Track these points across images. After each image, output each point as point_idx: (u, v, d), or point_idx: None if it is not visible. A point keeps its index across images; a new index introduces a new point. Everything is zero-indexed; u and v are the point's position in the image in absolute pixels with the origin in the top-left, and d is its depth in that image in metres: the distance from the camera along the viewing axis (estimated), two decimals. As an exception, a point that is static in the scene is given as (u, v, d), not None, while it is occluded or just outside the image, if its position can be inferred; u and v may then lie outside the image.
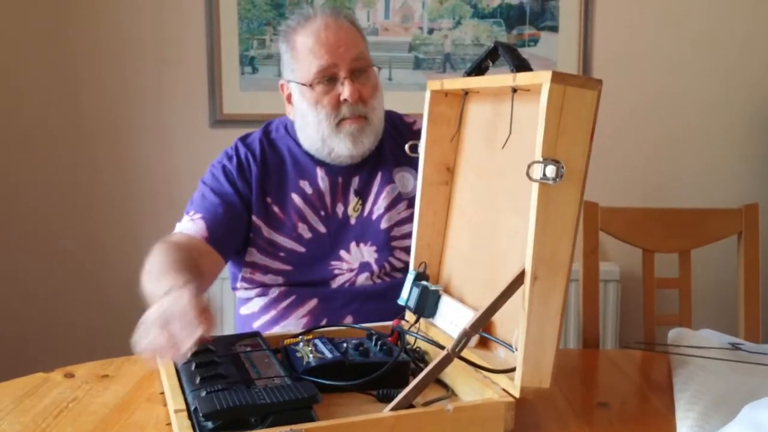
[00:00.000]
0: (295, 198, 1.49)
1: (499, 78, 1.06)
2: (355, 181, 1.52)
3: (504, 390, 0.98)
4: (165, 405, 1.04)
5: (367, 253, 1.50)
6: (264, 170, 1.50)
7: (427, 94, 1.26)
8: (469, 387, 1.03)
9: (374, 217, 1.51)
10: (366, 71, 1.46)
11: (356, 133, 1.45)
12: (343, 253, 1.50)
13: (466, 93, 1.22)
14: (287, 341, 1.17)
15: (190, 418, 0.91)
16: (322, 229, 1.50)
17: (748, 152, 2.48)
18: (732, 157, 2.48)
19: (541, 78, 0.91)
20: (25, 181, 2.48)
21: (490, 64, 1.16)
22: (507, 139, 1.05)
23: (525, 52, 2.42)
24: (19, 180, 2.48)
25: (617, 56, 2.43)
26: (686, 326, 1.56)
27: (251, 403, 0.89)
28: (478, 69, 1.17)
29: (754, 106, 2.46)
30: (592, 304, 1.56)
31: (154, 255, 1.33)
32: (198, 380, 0.99)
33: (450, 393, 1.07)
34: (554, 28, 2.42)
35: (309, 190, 1.50)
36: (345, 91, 1.42)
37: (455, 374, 1.07)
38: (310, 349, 1.11)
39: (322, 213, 1.50)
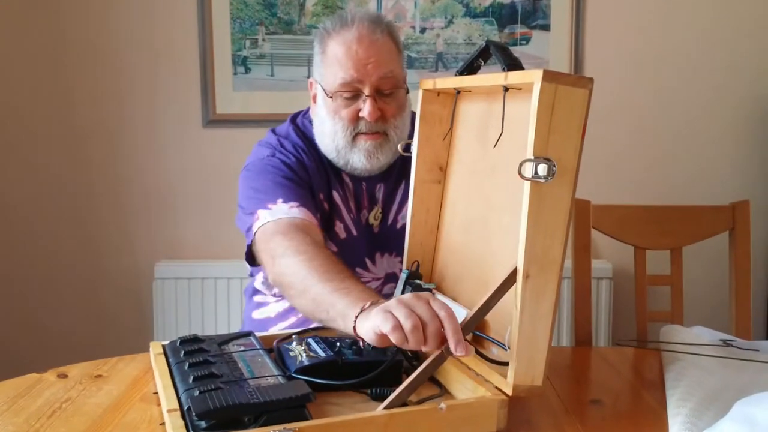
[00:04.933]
0: (335, 195, 1.46)
1: (491, 77, 1.06)
2: (380, 189, 1.49)
3: (497, 388, 0.98)
4: (158, 405, 1.04)
5: (392, 263, 1.48)
6: (312, 162, 1.45)
7: (420, 93, 1.26)
8: (463, 385, 1.03)
9: (398, 226, 1.48)
10: (392, 92, 1.40)
11: (372, 149, 1.40)
12: (368, 262, 1.48)
13: (458, 92, 1.22)
14: (280, 340, 1.17)
15: (183, 417, 0.92)
16: (354, 231, 1.47)
17: (740, 150, 2.49)
18: (723, 154, 2.49)
19: (532, 76, 0.91)
20: (18, 182, 2.47)
21: (482, 62, 1.17)
22: (499, 138, 1.06)
23: (517, 51, 2.42)
24: (10, 181, 2.47)
25: (609, 55, 2.44)
26: (678, 323, 1.57)
27: (244, 402, 0.89)
28: (470, 68, 1.17)
29: (746, 103, 2.47)
30: (585, 301, 1.56)
31: (316, 255, 1.21)
32: (191, 380, 0.99)
33: (443, 391, 1.07)
34: (546, 27, 2.43)
35: (340, 191, 1.47)
36: (365, 109, 1.37)
37: (448, 372, 1.07)
38: (303, 348, 1.11)
39: (351, 216, 1.47)
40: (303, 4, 2.41)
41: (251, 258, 1.37)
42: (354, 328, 1.00)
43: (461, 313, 1.10)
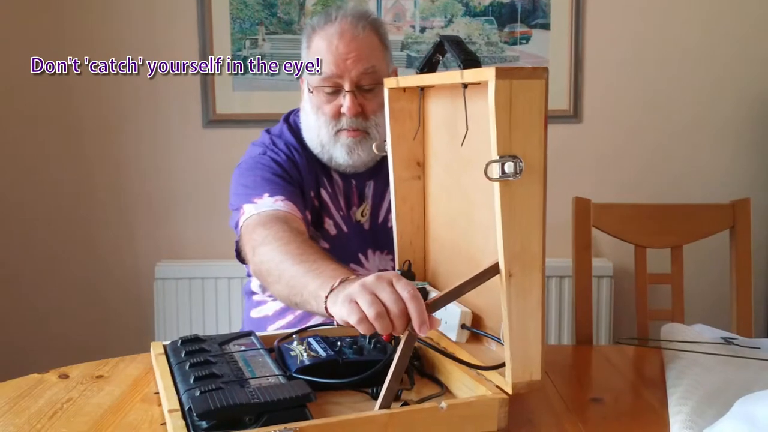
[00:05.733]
0: (323, 192, 1.47)
1: (448, 75, 1.05)
2: (370, 186, 1.50)
3: (498, 387, 0.98)
4: (159, 405, 1.04)
5: (384, 262, 1.48)
6: (304, 160, 1.46)
7: (386, 92, 1.24)
8: (463, 384, 1.03)
9: (389, 225, 1.47)
10: (374, 88, 1.40)
11: (352, 145, 1.41)
12: (361, 258, 1.48)
13: (421, 89, 1.21)
14: (281, 340, 1.17)
15: (184, 417, 0.92)
16: (345, 228, 1.48)
17: (740, 148, 2.49)
18: (724, 152, 2.49)
19: (486, 75, 0.90)
20: (18, 183, 2.47)
21: (440, 58, 1.15)
22: (465, 136, 1.05)
23: (517, 50, 2.43)
24: (11, 182, 2.47)
25: (609, 53, 2.44)
26: (679, 321, 1.57)
27: (245, 402, 0.89)
28: (429, 64, 1.15)
29: (746, 101, 2.47)
30: (585, 300, 1.56)
31: (290, 241, 1.21)
32: (192, 380, 0.99)
33: (444, 390, 1.07)
34: (546, 26, 2.42)
35: (329, 189, 1.48)
36: (345, 104, 1.38)
37: (449, 372, 1.07)
38: (304, 347, 1.11)
39: (341, 213, 1.48)
40: (303, 4, 2.41)
41: (240, 254, 1.38)
42: (326, 308, 1.01)
43: (456, 310, 1.11)
